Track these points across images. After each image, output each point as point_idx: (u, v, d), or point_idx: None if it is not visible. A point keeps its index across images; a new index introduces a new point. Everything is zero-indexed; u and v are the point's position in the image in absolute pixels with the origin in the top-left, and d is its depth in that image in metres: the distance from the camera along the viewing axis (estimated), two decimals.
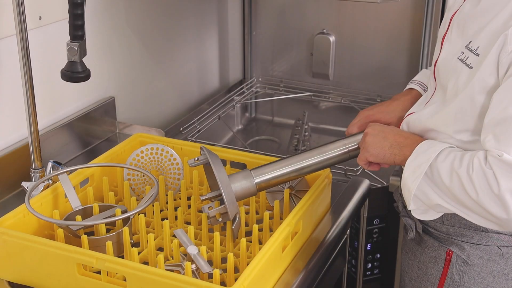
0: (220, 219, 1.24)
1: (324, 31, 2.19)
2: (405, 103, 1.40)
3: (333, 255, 1.36)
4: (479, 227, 1.23)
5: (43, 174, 1.42)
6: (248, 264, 1.10)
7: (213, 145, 1.63)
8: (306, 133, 2.07)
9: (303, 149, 2.04)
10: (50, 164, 1.44)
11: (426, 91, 1.39)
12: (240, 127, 2.32)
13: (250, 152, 1.58)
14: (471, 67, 1.14)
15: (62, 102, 1.65)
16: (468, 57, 1.15)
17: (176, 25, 2.05)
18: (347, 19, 2.16)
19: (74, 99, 1.69)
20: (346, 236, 1.44)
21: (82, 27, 1.30)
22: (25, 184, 1.40)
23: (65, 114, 1.66)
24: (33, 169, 1.42)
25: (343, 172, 1.61)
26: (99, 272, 1.13)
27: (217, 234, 1.20)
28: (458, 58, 1.18)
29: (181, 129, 1.92)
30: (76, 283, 1.14)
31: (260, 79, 2.35)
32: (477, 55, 1.13)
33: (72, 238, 1.23)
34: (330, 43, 2.18)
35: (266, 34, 2.30)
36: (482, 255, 1.25)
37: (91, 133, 1.74)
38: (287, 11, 2.24)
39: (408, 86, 1.44)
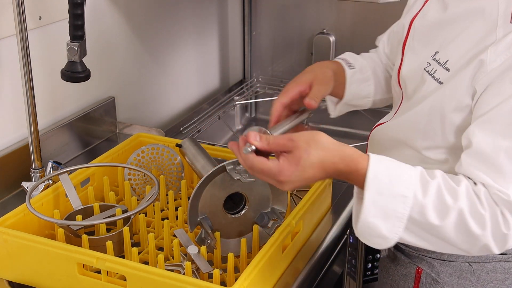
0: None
1: (324, 31, 2.19)
2: (332, 69, 1.29)
3: (333, 255, 1.36)
4: None
5: (43, 174, 1.42)
6: (248, 264, 1.10)
7: (213, 145, 1.63)
8: None
9: None
10: (50, 164, 1.44)
11: (351, 67, 1.33)
12: (240, 127, 2.32)
13: None
14: (440, 82, 1.09)
15: (62, 102, 1.65)
16: (436, 70, 1.10)
17: (176, 25, 2.05)
18: (347, 19, 2.16)
19: (74, 99, 1.69)
20: (346, 236, 1.44)
21: (82, 27, 1.30)
22: (25, 184, 1.40)
23: (65, 114, 1.66)
24: (33, 169, 1.42)
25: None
26: (99, 272, 1.13)
27: (217, 234, 1.20)
28: (425, 69, 1.12)
29: (181, 129, 1.92)
30: (76, 282, 1.14)
31: (260, 79, 2.35)
32: (447, 69, 1.08)
33: (73, 237, 1.23)
34: (330, 43, 2.18)
35: (266, 34, 2.30)
36: (452, 273, 1.21)
37: (91, 133, 1.74)
38: (287, 11, 2.24)
39: (336, 59, 1.37)
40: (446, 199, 0.97)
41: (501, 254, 1.17)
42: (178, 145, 1.42)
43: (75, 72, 1.33)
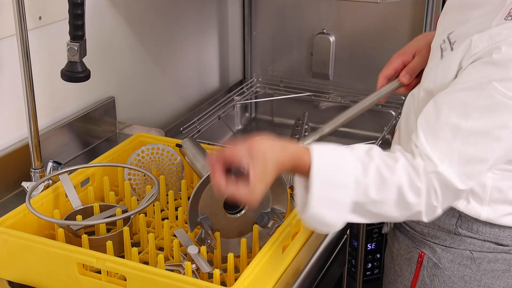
0: None
1: (324, 31, 2.19)
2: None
3: (333, 255, 1.36)
4: (453, 230, 1.22)
5: (43, 174, 1.42)
6: (248, 264, 1.10)
7: (213, 145, 1.63)
8: (306, 133, 2.07)
9: None
10: (50, 164, 1.44)
11: None
12: (240, 127, 2.32)
13: None
14: (442, 56, 1.14)
15: (62, 102, 1.65)
16: (446, 49, 1.14)
17: (176, 25, 2.05)
18: (347, 19, 2.16)
19: (74, 99, 1.69)
20: (346, 236, 1.44)
21: (82, 27, 1.30)
22: (25, 184, 1.40)
23: (65, 114, 1.66)
24: (33, 169, 1.42)
25: None
26: (99, 272, 1.13)
27: (217, 234, 1.20)
28: (440, 46, 1.17)
29: (181, 129, 1.92)
30: (76, 282, 1.14)
31: (260, 79, 2.35)
32: (452, 49, 1.13)
33: (73, 237, 1.23)
34: (330, 43, 2.18)
35: (266, 34, 2.30)
36: (453, 259, 1.23)
37: (91, 133, 1.74)
38: (287, 11, 2.24)
39: None
40: (385, 175, 1.03)
41: (503, 245, 1.20)
42: (178, 145, 1.42)
43: (75, 72, 1.33)
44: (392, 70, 1.31)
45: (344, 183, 1.03)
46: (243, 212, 1.23)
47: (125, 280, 1.10)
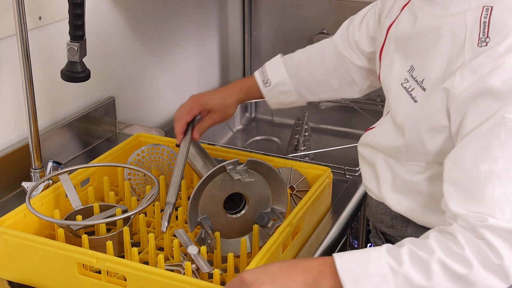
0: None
1: (324, 31, 2.19)
2: (242, 90, 1.40)
3: None
4: None
5: (43, 174, 1.42)
6: (248, 264, 1.10)
7: (213, 145, 1.63)
8: (306, 133, 2.07)
9: (303, 149, 2.04)
10: (50, 164, 1.44)
11: (267, 84, 1.39)
12: (240, 127, 2.32)
13: (250, 152, 1.58)
14: (415, 101, 1.07)
15: (62, 102, 1.65)
16: (414, 88, 1.08)
17: (176, 25, 2.05)
18: (347, 19, 2.15)
19: (74, 99, 1.69)
20: (346, 236, 1.44)
21: (82, 27, 1.30)
22: (25, 184, 1.40)
23: (65, 114, 1.66)
24: (33, 169, 1.42)
25: (343, 172, 1.61)
26: (99, 272, 1.13)
27: (217, 234, 1.20)
28: (402, 85, 1.10)
29: None
30: (76, 282, 1.14)
31: None
32: (423, 89, 1.06)
33: (73, 237, 1.23)
34: None
35: (266, 34, 2.30)
36: None
37: (91, 133, 1.74)
38: (287, 11, 2.24)
39: (255, 72, 1.43)
40: (422, 256, 0.92)
41: None
42: (178, 145, 1.42)
43: (75, 72, 1.33)
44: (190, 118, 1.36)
45: (378, 274, 0.92)
46: (243, 212, 1.23)
47: (125, 280, 1.10)
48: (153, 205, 1.33)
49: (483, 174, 0.94)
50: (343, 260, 0.94)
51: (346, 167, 1.62)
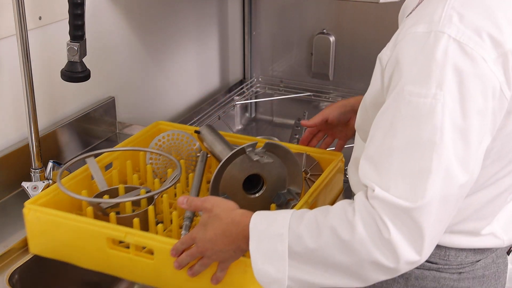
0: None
1: (324, 31, 2.19)
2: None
3: None
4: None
5: (43, 174, 1.43)
6: None
7: (230, 131, 1.65)
8: None
9: None
10: (50, 164, 1.44)
11: None
12: (240, 127, 2.32)
13: (264, 138, 1.59)
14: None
15: (62, 102, 1.65)
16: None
17: (176, 25, 2.05)
18: (347, 19, 2.16)
19: (74, 99, 1.69)
20: None
21: (82, 27, 1.30)
22: (25, 184, 1.40)
23: (65, 114, 1.66)
24: (33, 169, 1.42)
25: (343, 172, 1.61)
26: (127, 247, 1.17)
27: None
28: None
29: None
30: (106, 257, 1.18)
31: (260, 79, 2.35)
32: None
33: (101, 216, 1.26)
34: (330, 43, 2.18)
35: (266, 34, 2.30)
36: None
37: (91, 133, 1.74)
38: (287, 11, 2.24)
39: None
40: (318, 220, 0.96)
41: (431, 263, 1.10)
42: (197, 132, 1.46)
43: (75, 72, 1.33)
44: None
45: (277, 234, 0.98)
46: (261, 192, 1.27)
47: (152, 254, 1.13)
48: (175, 188, 1.36)
49: (386, 147, 0.94)
50: (255, 219, 1.01)
51: (346, 167, 1.62)
